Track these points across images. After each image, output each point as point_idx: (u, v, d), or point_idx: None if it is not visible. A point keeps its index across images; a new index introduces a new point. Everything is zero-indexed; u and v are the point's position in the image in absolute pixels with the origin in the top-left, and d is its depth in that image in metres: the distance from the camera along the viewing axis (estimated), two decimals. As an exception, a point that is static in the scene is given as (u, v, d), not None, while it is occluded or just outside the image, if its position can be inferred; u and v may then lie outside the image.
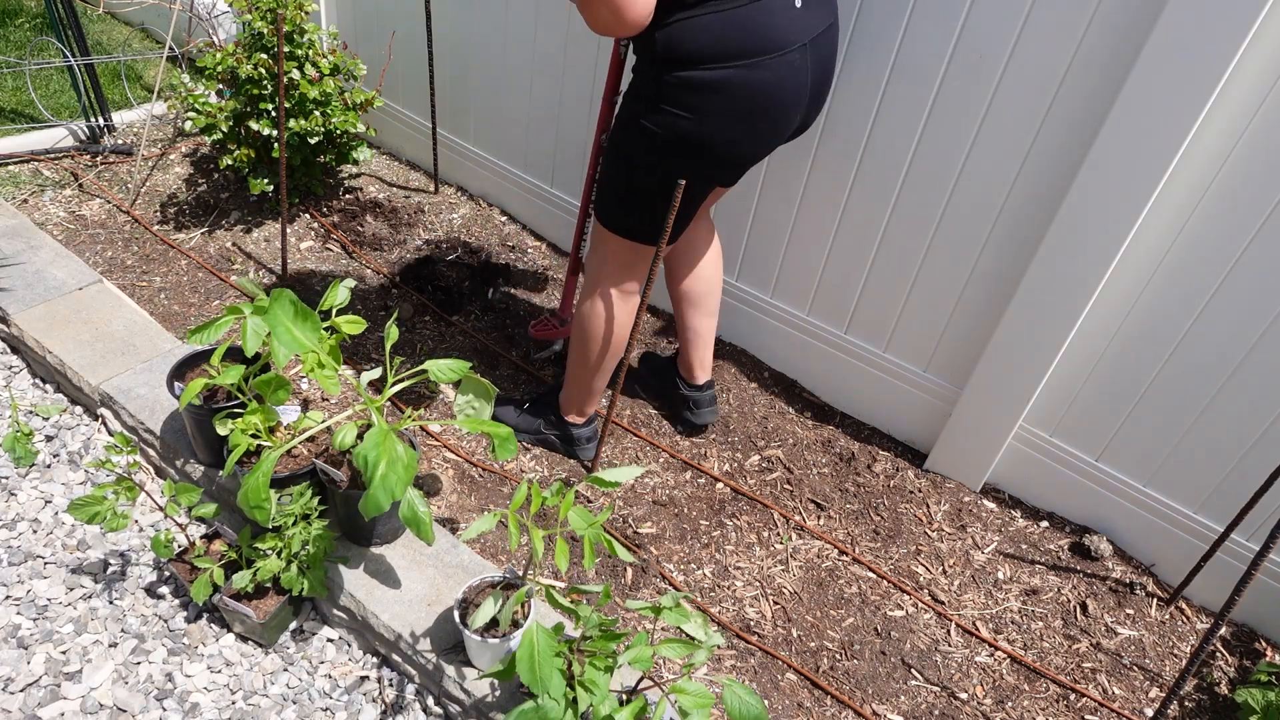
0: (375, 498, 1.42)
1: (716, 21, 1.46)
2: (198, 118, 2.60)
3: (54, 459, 2.08)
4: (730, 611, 1.89)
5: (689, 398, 2.24)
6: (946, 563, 2.05)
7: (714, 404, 2.26)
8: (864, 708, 1.74)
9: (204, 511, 1.72)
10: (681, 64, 1.49)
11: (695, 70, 1.49)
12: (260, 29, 2.55)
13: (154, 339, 2.28)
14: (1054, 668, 1.86)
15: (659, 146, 1.59)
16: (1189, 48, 1.54)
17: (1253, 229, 1.67)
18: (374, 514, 1.43)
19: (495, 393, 1.75)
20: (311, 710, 1.68)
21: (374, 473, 1.42)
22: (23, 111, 3.22)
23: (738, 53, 1.48)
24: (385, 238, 2.84)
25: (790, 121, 1.64)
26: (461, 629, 1.57)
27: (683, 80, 1.50)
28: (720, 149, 1.59)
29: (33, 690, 1.63)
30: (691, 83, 1.50)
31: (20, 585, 1.80)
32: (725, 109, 1.53)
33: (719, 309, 2.16)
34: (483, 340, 2.49)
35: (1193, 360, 1.84)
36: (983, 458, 2.17)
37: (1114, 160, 1.68)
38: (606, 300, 1.86)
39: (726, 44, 1.47)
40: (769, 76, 1.52)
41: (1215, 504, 1.93)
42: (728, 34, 1.47)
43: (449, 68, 2.88)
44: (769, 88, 1.53)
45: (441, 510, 2.00)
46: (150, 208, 2.84)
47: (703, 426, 2.28)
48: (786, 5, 1.51)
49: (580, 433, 2.12)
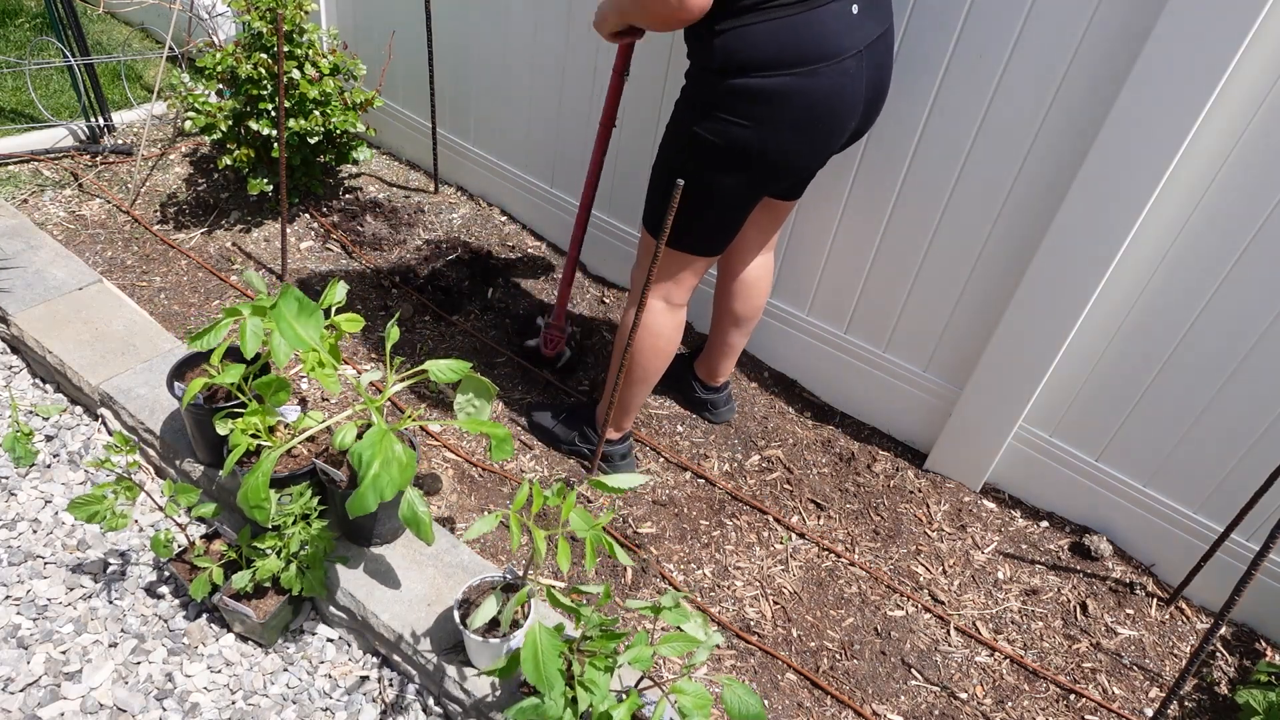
0: (364, 497, 1.42)
1: (772, 29, 1.44)
2: (197, 117, 2.60)
3: (54, 459, 2.08)
4: (730, 611, 1.89)
5: (708, 400, 2.27)
6: (946, 563, 2.05)
7: (731, 401, 2.31)
8: (864, 708, 1.74)
9: (204, 511, 1.72)
10: (738, 71, 1.47)
11: (751, 77, 1.47)
12: (259, 29, 2.55)
13: (154, 339, 2.28)
14: (1054, 668, 1.86)
15: (711, 154, 1.57)
16: (1189, 46, 1.54)
17: (1252, 229, 1.67)
18: (359, 514, 1.42)
19: (495, 391, 1.75)
20: (311, 710, 1.68)
21: (366, 471, 1.42)
22: (23, 111, 3.22)
23: (794, 60, 1.46)
24: (385, 238, 2.84)
25: (845, 130, 1.61)
26: (461, 629, 1.57)
27: (738, 88, 1.49)
28: (774, 157, 1.57)
29: (33, 690, 1.63)
30: (748, 90, 1.48)
31: (20, 585, 1.80)
32: (781, 117, 1.51)
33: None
34: (483, 340, 2.49)
35: (1192, 360, 1.84)
36: (982, 458, 2.17)
37: (1114, 160, 1.68)
38: (653, 314, 1.83)
39: (783, 51, 1.46)
40: (826, 84, 1.50)
41: (1215, 504, 1.93)
42: (784, 41, 1.45)
43: (449, 67, 2.88)
44: (826, 96, 1.51)
45: (441, 510, 2.00)
46: (150, 208, 2.84)
47: (723, 423, 2.33)
48: (843, 11, 1.49)
49: (616, 449, 2.08)
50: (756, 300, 2.10)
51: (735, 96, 1.50)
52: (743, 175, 1.59)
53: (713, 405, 2.28)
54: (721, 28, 1.45)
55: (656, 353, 1.88)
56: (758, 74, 1.47)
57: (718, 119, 1.53)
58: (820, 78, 1.49)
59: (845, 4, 1.49)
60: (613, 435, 2.06)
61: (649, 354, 1.88)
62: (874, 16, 1.56)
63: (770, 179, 1.64)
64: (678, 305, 1.85)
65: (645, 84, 2.35)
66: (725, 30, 1.45)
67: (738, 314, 2.11)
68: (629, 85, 2.23)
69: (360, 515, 1.69)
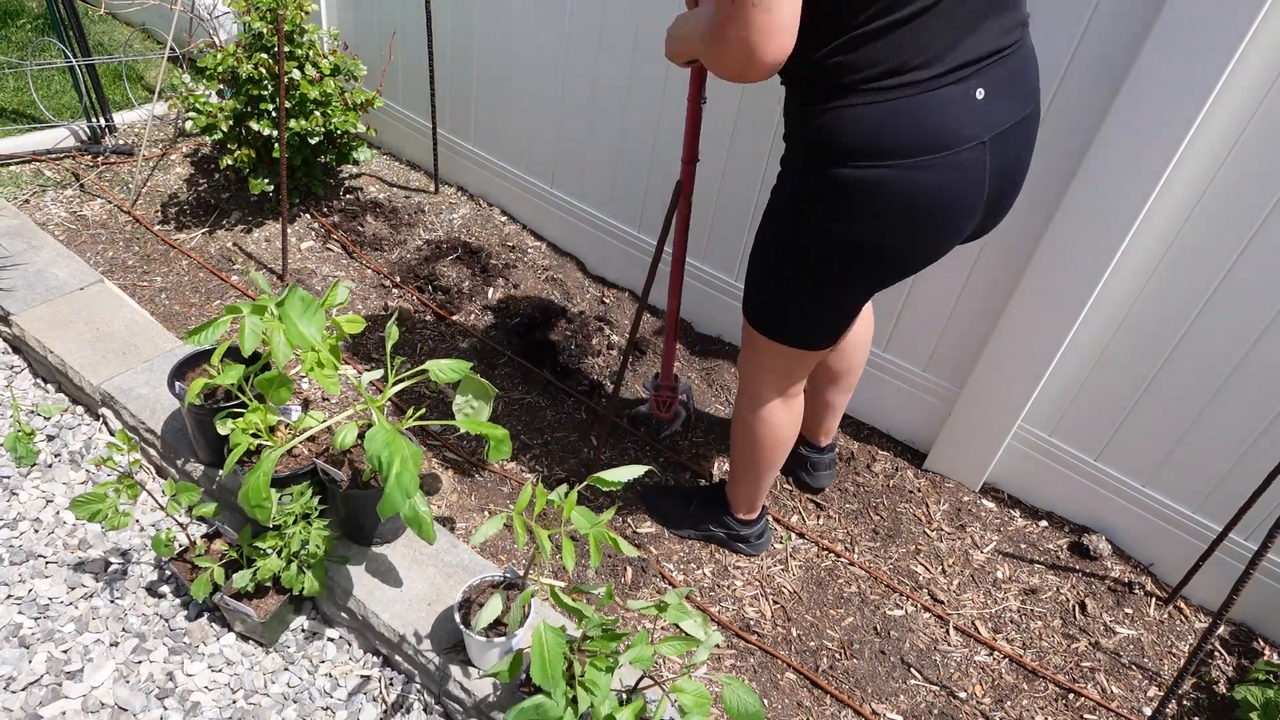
0: (392, 498, 1.41)
1: (876, 113, 1.25)
2: (198, 118, 2.60)
3: (55, 459, 2.08)
4: (730, 611, 1.89)
5: (809, 458, 2.12)
6: (946, 562, 2.05)
7: (833, 466, 2.15)
8: (863, 707, 1.75)
9: (205, 511, 1.72)
10: (835, 158, 1.30)
11: (848, 168, 1.30)
12: (260, 29, 2.55)
13: (155, 339, 2.29)
14: (1053, 667, 1.87)
15: (811, 250, 1.41)
16: (1189, 45, 1.54)
17: (1251, 229, 1.67)
18: (390, 514, 1.42)
19: (494, 393, 1.75)
20: (312, 709, 1.68)
21: (389, 472, 1.41)
22: (24, 112, 3.22)
23: (893, 150, 1.27)
24: (385, 238, 2.85)
25: (960, 230, 1.39)
26: (462, 629, 1.58)
27: (836, 178, 1.31)
28: (877, 253, 1.38)
29: (34, 689, 1.64)
30: (846, 181, 1.31)
31: (22, 584, 1.81)
32: (884, 211, 1.32)
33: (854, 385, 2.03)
34: (483, 340, 2.50)
35: (1191, 360, 1.84)
36: (982, 457, 2.17)
37: (1114, 159, 1.68)
38: (773, 408, 1.71)
39: (883, 139, 1.27)
40: (932, 179, 1.29)
41: (1214, 503, 1.94)
42: (886, 127, 1.26)
43: (449, 68, 2.89)
44: (931, 191, 1.30)
45: (441, 510, 2.00)
46: (151, 208, 2.84)
47: (819, 489, 2.17)
48: (965, 95, 1.27)
49: (753, 530, 1.98)
50: (856, 356, 1.92)
51: (833, 186, 1.32)
52: (844, 272, 1.43)
53: (813, 465, 2.11)
54: (824, 106, 1.28)
55: (779, 442, 1.77)
56: (853, 164, 1.29)
57: (815, 210, 1.37)
58: (925, 171, 1.28)
59: (969, 86, 1.27)
60: (749, 516, 1.97)
61: (770, 446, 1.77)
62: (1009, 100, 1.32)
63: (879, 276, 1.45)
64: (794, 396, 1.72)
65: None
66: (826, 109, 1.28)
67: (832, 370, 1.93)
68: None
69: (359, 511, 1.70)
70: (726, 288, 2.50)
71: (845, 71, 1.25)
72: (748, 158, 2.27)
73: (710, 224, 2.43)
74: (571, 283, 2.76)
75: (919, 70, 1.24)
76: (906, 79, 1.24)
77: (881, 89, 1.25)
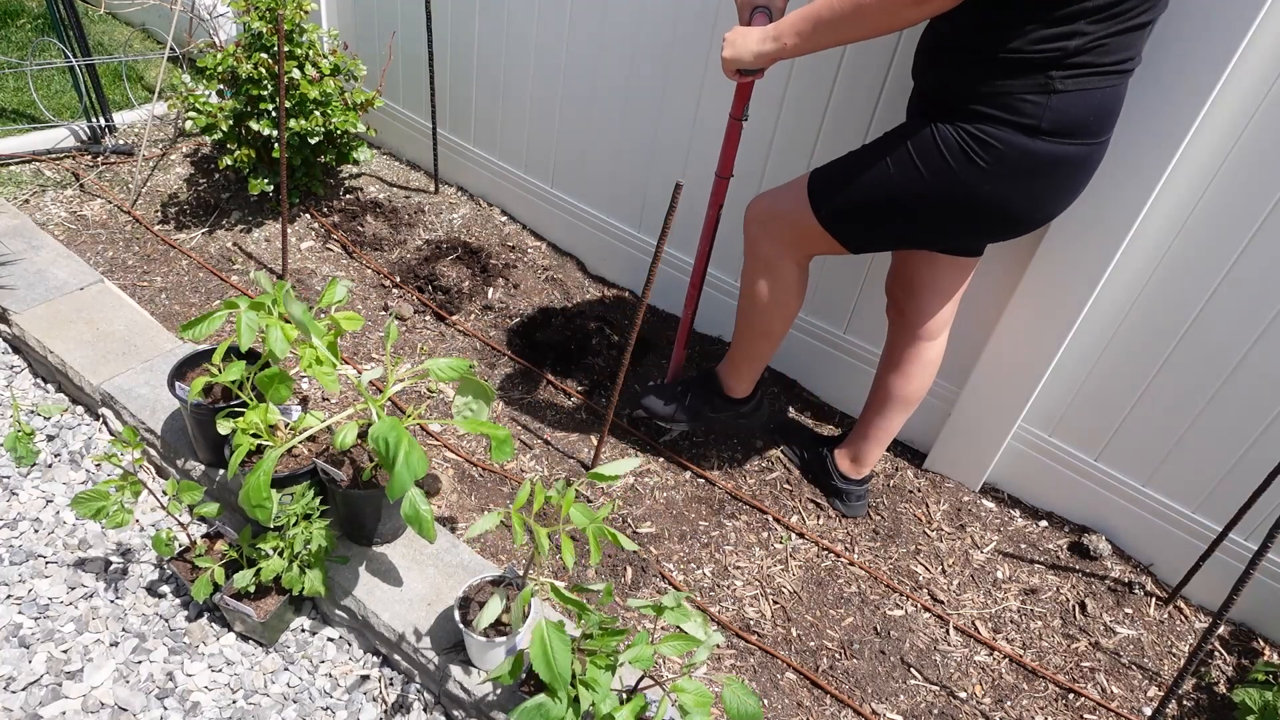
0: (400, 477, 1.41)
1: (1105, 95, 1.40)
2: (198, 118, 2.60)
3: (55, 459, 2.08)
4: (730, 611, 1.89)
5: (845, 490, 2.11)
6: (945, 562, 2.06)
7: (866, 498, 2.13)
8: (863, 707, 1.75)
9: (205, 511, 1.72)
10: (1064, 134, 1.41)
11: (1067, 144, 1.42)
12: (260, 29, 2.55)
13: (155, 339, 2.29)
14: (1053, 667, 1.87)
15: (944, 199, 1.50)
16: (1189, 44, 1.54)
17: (1251, 229, 1.67)
18: (399, 495, 1.42)
19: (494, 394, 1.75)
20: (312, 709, 1.68)
21: (396, 452, 1.41)
22: (24, 112, 3.22)
23: (1099, 129, 1.43)
24: (385, 238, 2.85)
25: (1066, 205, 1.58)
26: (462, 628, 1.58)
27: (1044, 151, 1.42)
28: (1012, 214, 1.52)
29: (34, 689, 1.64)
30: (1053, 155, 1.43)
31: (22, 584, 1.81)
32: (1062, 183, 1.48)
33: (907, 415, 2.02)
34: (483, 340, 2.50)
35: (1191, 360, 1.84)
36: (982, 457, 2.17)
37: (1113, 159, 1.68)
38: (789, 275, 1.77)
39: (1102, 120, 1.43)
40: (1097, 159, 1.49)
41: (1213, 503, 1.94)
42: (1108, 109, 1.42)
43: (449, 68, 2.89)
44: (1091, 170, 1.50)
45: (441, 510, 2.00)
46: (151, 208, 2.84)
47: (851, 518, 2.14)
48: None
49: (748, 405, 2.05)
50: (928, 379, 1.94)
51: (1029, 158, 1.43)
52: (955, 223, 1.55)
53: (846, 496, 2.11)
54: (1061, 86, 1.36)
55: (781, 307, 1.83)
56: (1070, 140, 1.42)
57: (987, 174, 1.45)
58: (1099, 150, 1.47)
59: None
60: (745, 394, 2.03)
61: (774, 308, 1.83)
62: None
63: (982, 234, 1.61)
64: (803, 268, 1.79)
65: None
66: (1067, 91, 1.37)
67: (905, 395, 1.94)
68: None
69: (360, 510, 1.70)
70: (730, 289, 2.50)
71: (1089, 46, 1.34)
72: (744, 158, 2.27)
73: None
74: (571, 283, 2.76)
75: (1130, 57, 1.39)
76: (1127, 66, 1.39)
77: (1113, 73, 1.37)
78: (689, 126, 2.36)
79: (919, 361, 1.90)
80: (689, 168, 2.41)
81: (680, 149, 2.41)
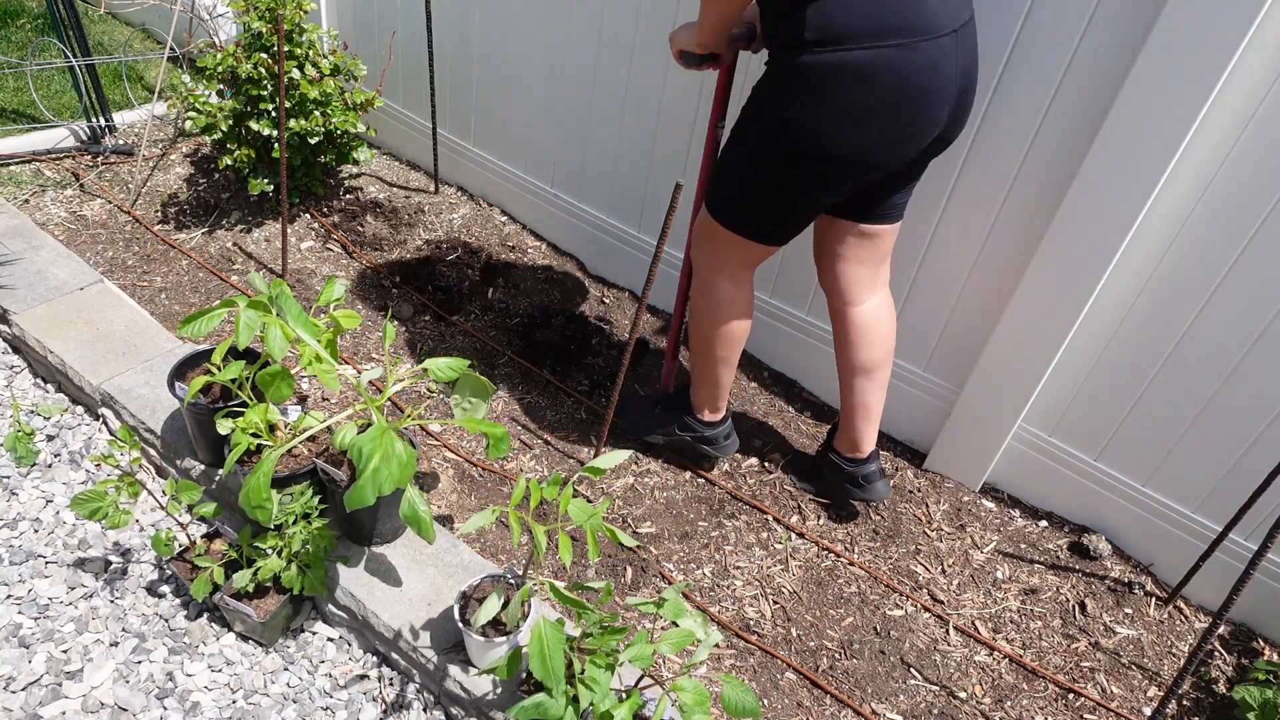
0: (362, 490, 1.42)
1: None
2: (198, 117, 2.60)
3: (55, 458, 2.08)
4: (730, 611, 1.89)
5: (855, 473, 2.02)
6: (945, 562, 2.05)
7: (884, 476, 2.05)
8: (863, 707, 1.75)
9: (205, 510, 1.72)
10: (833, 41, 1.37)
11: (845, 50, 1.37)
12: (259, 29, 2.55)
13: (154, 339, 2.29)
14: (1052, 667, 1.87)
15: (790, 139, 1.49)
16: (1189, 44, 1.54)
17: (1251, 229, 1.67)
18: (356, 507, 1.42)
19: (492, 390, 1.75)
20: (312, 709, 1.68)
21: (365, 465, 1.42)
22: (24, 112, 3.22)
23: (892, 29, 1.36)
24: (385, 238, 2.85)
25: (937, 119, 1.51)
26: (462, 628, 1.58)
27: (829, 62, 1.38)
28: (850, 144, 1.46)
29: (34, 689, 1.64)
30: (841, 65, 1.38)
31: (22, 584, 1.81)
32: (873, 97, 1.41)
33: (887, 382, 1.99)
34: (483, 340, 2.50)
35: (1191, 360, 1.84)
36: (982, 457, 2.17)
37: (1113, 159, 1.68)
38: (722, 293, 1.80)
39: (882, 19, 1.36)
40: (923, 61, 1.40)
41: (1213, 503, 1.94)
42: (884, 9, 1.36)
43: (449, 68, 2.89)
44: (923, 73, 1.41)
45: (441, 509, 2.00)
46: (151, 208, 2.85)
47: (878, 499, 2.06)
48: None
49: (717, 431, 2.05)
50: (880, 345, 1.90)
51: (824, 72, 1.40)
52: (812, 166, 1.51)
53: (863, 479, 2.01)
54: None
55: (731, 331, 1.84)
56: (851, 45, 1.36)
57: (800, 99, 1.43)
58: (918, 52, 1.38)
59: None
60: (712, 418, 2.04)
61: (725, 333, 1.84)
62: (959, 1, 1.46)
63: (843, 174, 1.54)
64: (743, 282, 1.80)
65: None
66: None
67: (863, 363, 1.91)
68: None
69: (359, 511, 1.70)
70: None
71: None
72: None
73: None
74: (571, 283, 2.76)
75: None
76: None
77: None
78: (689, 126, 2.36)
79: (859, 327, 1.89)
80: (689, 167, 2.41)
81: (680, 149, 2.41)
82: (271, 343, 1.52)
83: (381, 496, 1.44)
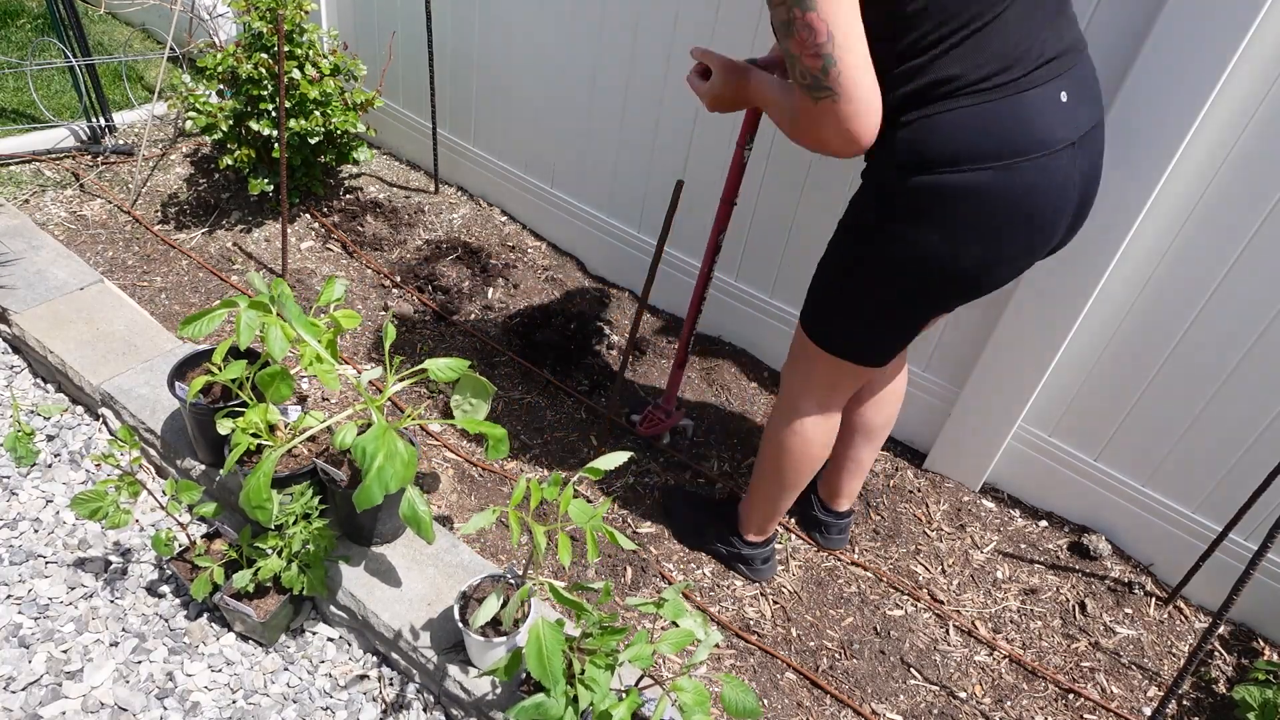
0: (369, 489, 1.42)
1: (970, 116, 1.23)
2: (198, 117, 2.60)
3: (55, 458, 2.08)
4: (730, 611, 1.89)
5: (825, 522, 2.03)
6: (945, 562, 2.05)
7: (848, 531, 2.06)
8: (863, 707, 1.75)
9: (205, 510, 1.72)
10: (925, 167, 1.27)
11: (943, 173, 1.26)
12: (260, 29, 2.55)
13: (155, 339, 2.29)
14: (1053, 667, 1.87)
15: (892, 265, 1.38)
16: (1188, 45, 1.54)
17: (1250, 230, 1.67)
18: (365, 506, 1.43)
19: (492, 391, 1.75)
20: (312, 709, 1.68)
21: (370, 464, 1.42)
22: (24, 112, 3.22)
23: (995, 152, 1.24)
24: (385, 238, 2.85)
25: (1052, 235, 1.37)
26: (461, 628, 1.58)
27: (925, 186, 1.28)
28: (966, 267, 1.35)
29: (34, 689, 1.64)
30: (940, 189, 1.28)
31: (22, 584, 1.81)
32: (977, 220, 1.30)
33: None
34: (483, 339, 2.50)
35: (1191, 360, 1.84)
36: (982, 457, 2.17)
37: (1112, 160, 1.68)
38: (809, 421, 1.67)
39: (983, 141, 1.24)
40: (1031, 181, 1.27)
41: (1213, 503, 1.94)
42: (985, 129, 1.24)
43: (449, 68, 2.89)
44: (1031, 194, 1.28)
45: (441, 509, 2.00)
46: (151, 208, 2.85)
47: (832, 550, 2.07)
48: (1052, 98, 1.26)
49: (758, 553, 1.93)
50: (891, 408, 1.87)
51: (920, 197, 1.30)
52: (924, 289, 1.40)
53: (825, 529, 2.03)
54: (907, 119, 1.26)
55: (808, 459, 1.72)
56: (949, 169, 1.26)
57: (899, 224, 1.33)
58: (1024, 173, 1.26)
59: (1054, 89, 1.26)
60: (756, 539, 1.93)
61: (800, 460, 1.72)
62: (1086, 104, 1.32)
63: (960, 292, 1.42)
64: (833, 412, 1.68)
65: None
66: (910, 121, 1.26)
67: (870, 425, 1.87)
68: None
69: (365, 510, 1.70)
70: (727, 288, 2.50)
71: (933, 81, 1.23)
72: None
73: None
74: (571, 283, 2.76)
75: (1009, 71, 1.23)
76: (1000, 80, 1.23)
77: (972, 93, 1.23)
78: (689, 126, 2.36)
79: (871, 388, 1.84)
80: (689, 167, 2.41)
81: (680, 148, 2.41)
82: (272, 343, 1.52)
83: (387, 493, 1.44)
